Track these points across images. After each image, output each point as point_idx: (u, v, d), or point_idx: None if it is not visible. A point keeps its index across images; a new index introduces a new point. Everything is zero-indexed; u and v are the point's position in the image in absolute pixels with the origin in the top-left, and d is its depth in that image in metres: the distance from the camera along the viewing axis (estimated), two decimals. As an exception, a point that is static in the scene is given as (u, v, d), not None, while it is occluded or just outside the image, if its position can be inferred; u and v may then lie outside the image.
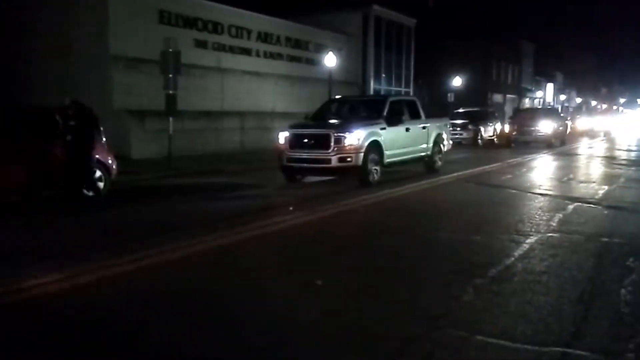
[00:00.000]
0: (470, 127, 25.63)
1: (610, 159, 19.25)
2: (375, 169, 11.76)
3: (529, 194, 10.84)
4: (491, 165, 16.23)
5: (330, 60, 22.68)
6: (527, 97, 61.44)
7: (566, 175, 14.11)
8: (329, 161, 11.32)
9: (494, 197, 10.65)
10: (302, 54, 26.94)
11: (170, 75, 14.33)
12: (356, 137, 11.32)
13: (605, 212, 8.94)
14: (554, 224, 7.76)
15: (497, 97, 52.32)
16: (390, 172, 12.76)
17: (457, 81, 35.03)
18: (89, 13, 18.00)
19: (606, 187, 11.64)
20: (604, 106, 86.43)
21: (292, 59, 26.30)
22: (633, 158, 20.21)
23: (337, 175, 12.08)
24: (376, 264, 5.89)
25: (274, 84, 24.45)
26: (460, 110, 28.70)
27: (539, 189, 11.58)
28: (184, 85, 16.16)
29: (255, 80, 23.46)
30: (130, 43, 17.93)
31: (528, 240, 6.72)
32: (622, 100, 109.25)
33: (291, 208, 8.99)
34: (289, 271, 5.70)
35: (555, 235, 7.07)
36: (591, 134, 36.22)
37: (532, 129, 24.88)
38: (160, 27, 19.06)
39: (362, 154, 11.33)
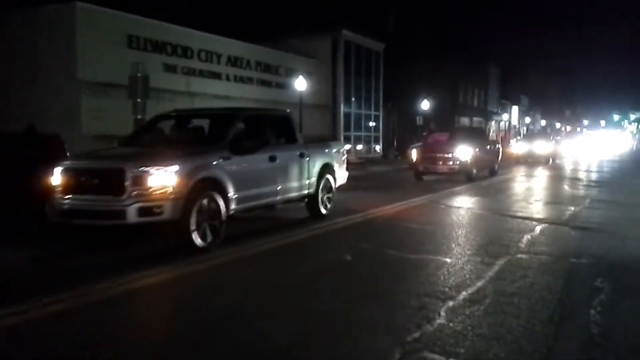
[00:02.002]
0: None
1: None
2: (213, 224, 7.55)
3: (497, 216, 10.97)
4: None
5: (300, 84, 22.85)
6: (493, 119, 62.67)
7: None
8: (121, 214, 7.02)
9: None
10: (272, 78, 27.08)
11: (139, 100, 14.23)
12: (172, 173, 7.12)
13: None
14: (523, 245, 7.88)
15: (464, 120, 53.23)
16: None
17: (425, 104, 35.55)
18: (56, 38, 17.84)
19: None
20: (569, 128, 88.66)
21: (263, 83, 26.42)
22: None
23: (139, 233, 8.16)
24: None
25: (244, 108, 24.46)
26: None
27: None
28: (153, 110, 15.95)
29: (226, 104, 23.42)
30: (99, 68, 17.79)
31: (498, 262, 6.79)
32: (585, 122, 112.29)
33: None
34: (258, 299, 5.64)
35: (524, 256, 7.17)
36: (531, 161, 29.42)
37: (445, 156, 18.22)
38: (129, 51, 18.97)
39: (181, 201, 7.14)
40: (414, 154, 19.00)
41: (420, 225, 9.78)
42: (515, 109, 71.19)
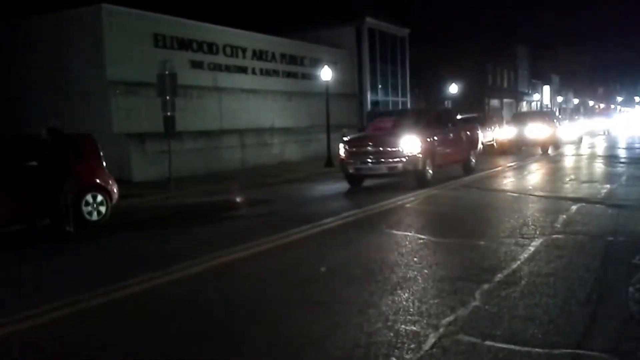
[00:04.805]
0: (468, 133, 25.52)
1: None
2: None
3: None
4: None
5: (326, 74, 22.75)
6: (524, 100, 61.65)
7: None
8: None
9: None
10: (297, 70, 27.05)
11: (168, 97, 14.37)
12: None
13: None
14: (558, 225, 7.76)
15: (494, 102, 52.47)
16: None
17: (453, 88, 35.11)
18: (84, 40, 18.10)
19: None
20: (601, 105, 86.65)
21: (288, 74, 26.41)
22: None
23: None
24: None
25: (271, 100, 24.54)
26: (458, 116, 28.75)
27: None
28: (182, 107, 16.21)
29: (252, 98, 23.54)
30: (127, 68, 18.01)
31: (533, 243, 6.71)
32: (619, 99, 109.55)
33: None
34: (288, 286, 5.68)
35: (560, 236, 7.06)
36: (525, 150, 23.46)
37: (383, 150, 12.85)
38: (156, 50, 19.16)
39: None
40: (342, 149, 13.57)
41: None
42: (546, 88, 69.84)
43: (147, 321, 4.81)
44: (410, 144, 12.69)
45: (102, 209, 10.24)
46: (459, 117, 28.02)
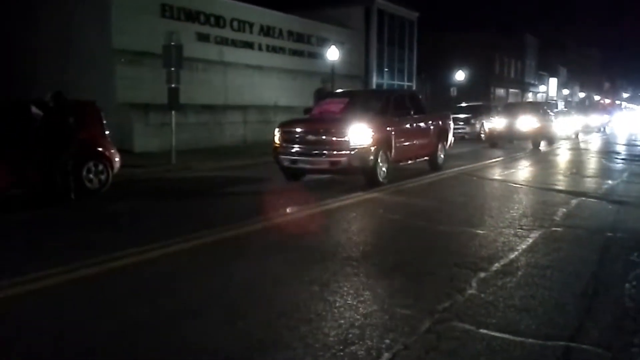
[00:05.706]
0: (472, 121, 25.55)
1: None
2: None
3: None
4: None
5: (332, 54, 22.64)
6: (530, 91, 61.39)
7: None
8: None
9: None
10: (304, 48, 26.89)
11: (173, 69, 14.30)
12: None
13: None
14: (558, 218, 7.76)
15: (500, 92, 52.26)
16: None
17: (460, 75, 34.93)
18: (91, 8, 17.98)
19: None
20: (607, 100, 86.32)
21: (295, 52, 26.27)
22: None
23: None
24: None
25: (276, 77, 24.42)
26: (463, 104, 28.69)
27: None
28: (187, 79, 16.14)
29: (257, 74, 23.43)
30: (133, 37, 17.91)
31: (532, 235, 6.72)
32: (624, 95, 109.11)
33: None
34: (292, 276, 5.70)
35: (559, 229, 7.07)
36: (516, 143, 22.27)
37: (326, 139, 10.45)
38: (162, 20, 19.03)
39: None
40: (276, 135, 11.23)
41: None
42: (553, 80, 69.52)
43: (142, 293, 4.82)
44: (359, 133, 10.27)
45: (103, 177, 10.23)
46: (463, 104, 28.14)
